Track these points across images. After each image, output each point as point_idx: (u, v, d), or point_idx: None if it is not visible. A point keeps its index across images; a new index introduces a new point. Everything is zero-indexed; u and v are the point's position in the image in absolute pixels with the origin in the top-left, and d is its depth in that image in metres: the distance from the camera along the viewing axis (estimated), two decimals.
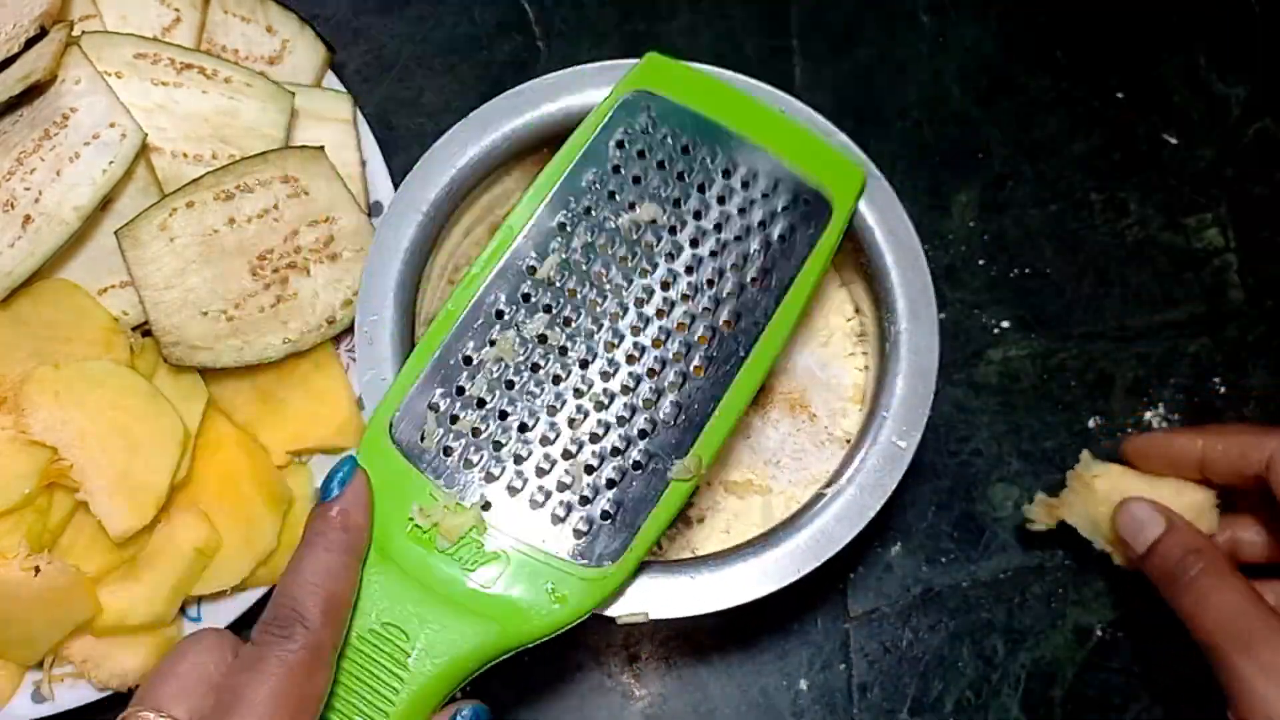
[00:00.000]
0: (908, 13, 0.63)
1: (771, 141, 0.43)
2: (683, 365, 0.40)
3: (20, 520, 0.47)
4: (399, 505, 0.38)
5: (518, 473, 0.39)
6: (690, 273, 0.41)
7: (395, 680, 0.35)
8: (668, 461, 0.39)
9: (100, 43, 0.52)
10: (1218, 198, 0.60)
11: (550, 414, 0.40)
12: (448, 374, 0.40)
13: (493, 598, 0.37)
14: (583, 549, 0.38)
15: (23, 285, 0.50)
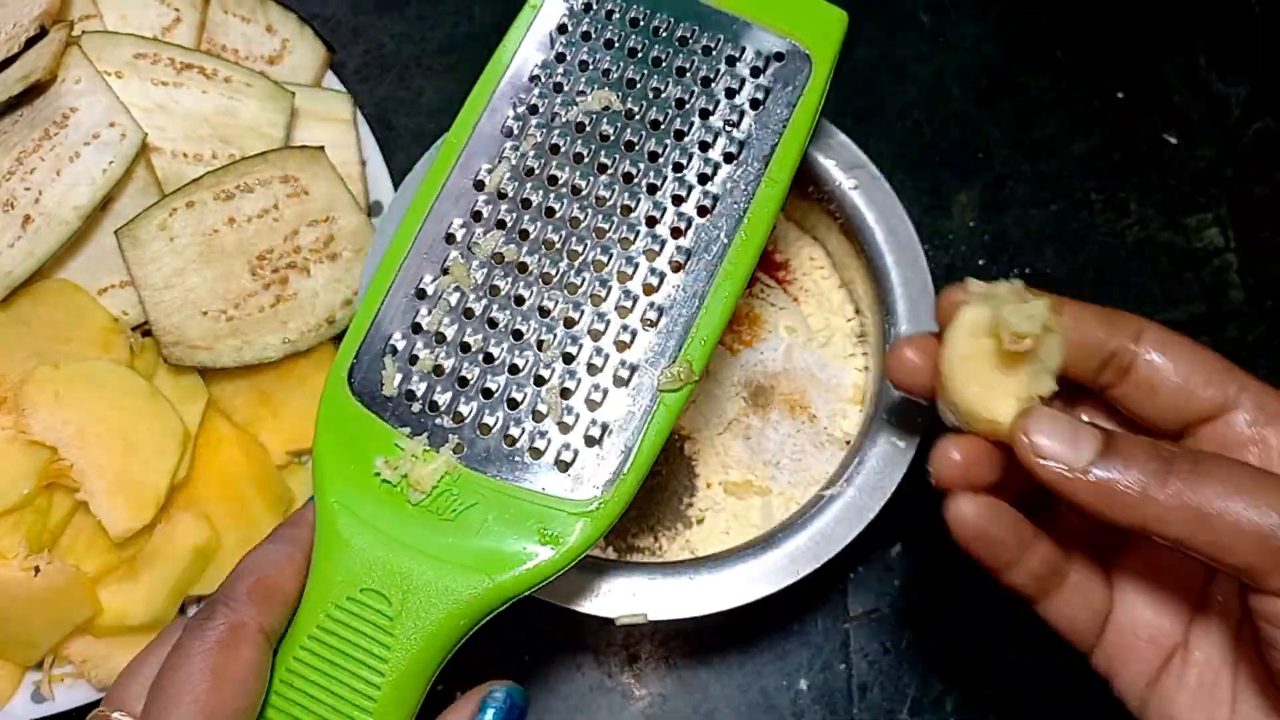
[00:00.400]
0: (908, 13, 0.63)
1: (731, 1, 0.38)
2: (658, 263, 0.36)
3: (20, 520, 0.47)
4: (365, 461, 0.35)
5: (488, 408, 0.35)
6: (654, 159, 0.37)
7: (381, 649, 0.32)
8: (652, 373, 0.35)
9: (100, 43, 0.52)
10: (1218, 198, 0.60)
11: (516, 339, 0.36)
12: (401, 312, 0.36)
13: (477, 548, 0.34)
14: (569, 482, 0.34)
15: (23, 285, 0.50)
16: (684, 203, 0.37)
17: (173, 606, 0.48)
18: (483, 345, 0.36)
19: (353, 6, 0.63)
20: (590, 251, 0.36)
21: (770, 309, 0.50)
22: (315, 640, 0.33)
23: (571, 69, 0.38)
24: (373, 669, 0.32)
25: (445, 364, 0.36)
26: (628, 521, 0.47)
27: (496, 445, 0.35)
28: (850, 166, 0.47)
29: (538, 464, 0.35)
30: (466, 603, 0.33)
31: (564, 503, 0.34)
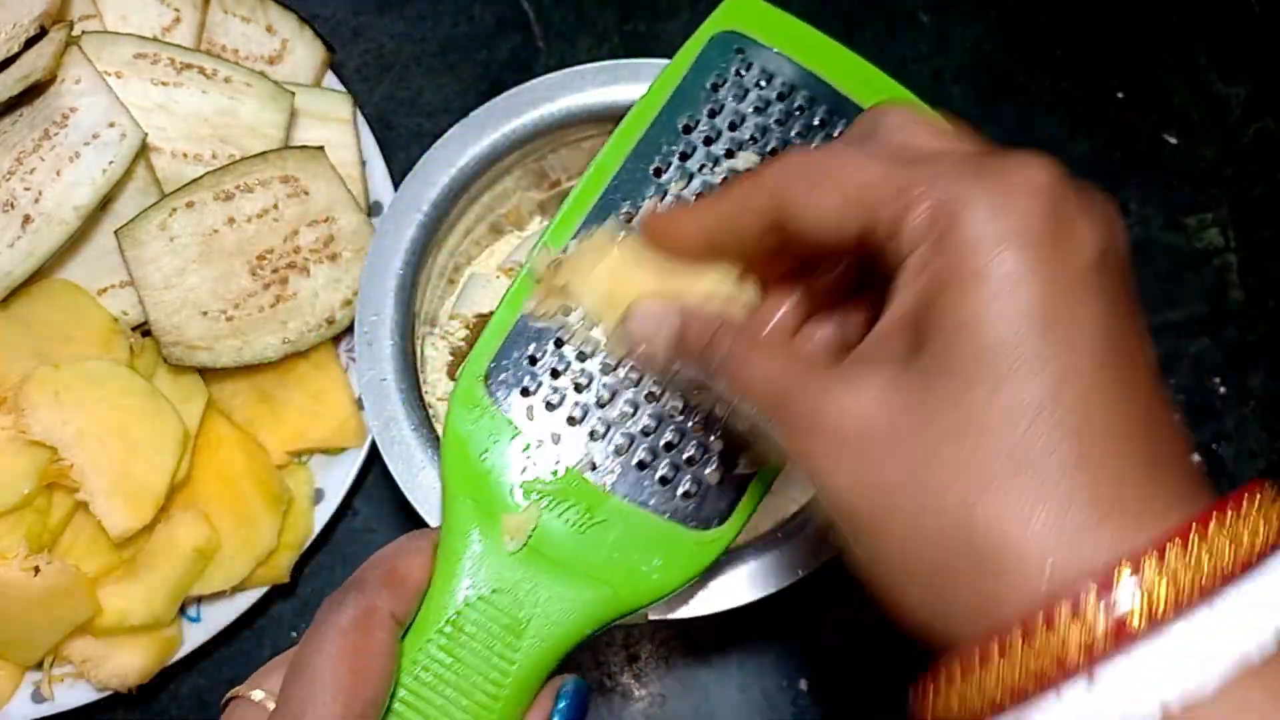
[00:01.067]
0: (908, 12, 0.63)
1: (865, 94, 0.40)
2: None
3: (20, 520, 0.47)
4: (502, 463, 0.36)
5: (624, 432, 0.37)
6: None
7: (509, 649, 0.34)
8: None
9: (100, 43, 0.52)
10: (1218, 198, 0.60)
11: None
12: (544, 325, 0.37)
13: (603, 561, 0.35)
14: (691, 510, 0.36)
15: (23, 285, 0.50)
16: None
17: (173, 606, 0.48)
18: (623, 370, 0.37)
19: (353, 6, 0.63)
20: None
21: None
22: (445, 635, 0.34)
23: (721, 128, 0.39)
24: (500, 668, 0.33)
25: (584, 382, 0.37)
26: None
27: (629, 468, 0.37)
28: None
29: (665, 491, 0.37)
30: (592, 612, 0.35)
31: (684, 530, 0.36)
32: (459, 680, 0.33)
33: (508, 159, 0.48)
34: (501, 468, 0.36)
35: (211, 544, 0.49)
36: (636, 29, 0.63)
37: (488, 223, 0.52)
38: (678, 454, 0.37)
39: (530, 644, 0.34)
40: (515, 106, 0.47)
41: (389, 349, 0.45)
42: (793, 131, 0.39)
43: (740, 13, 0.41)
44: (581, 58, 0.62)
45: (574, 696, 0.34)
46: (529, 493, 0.36)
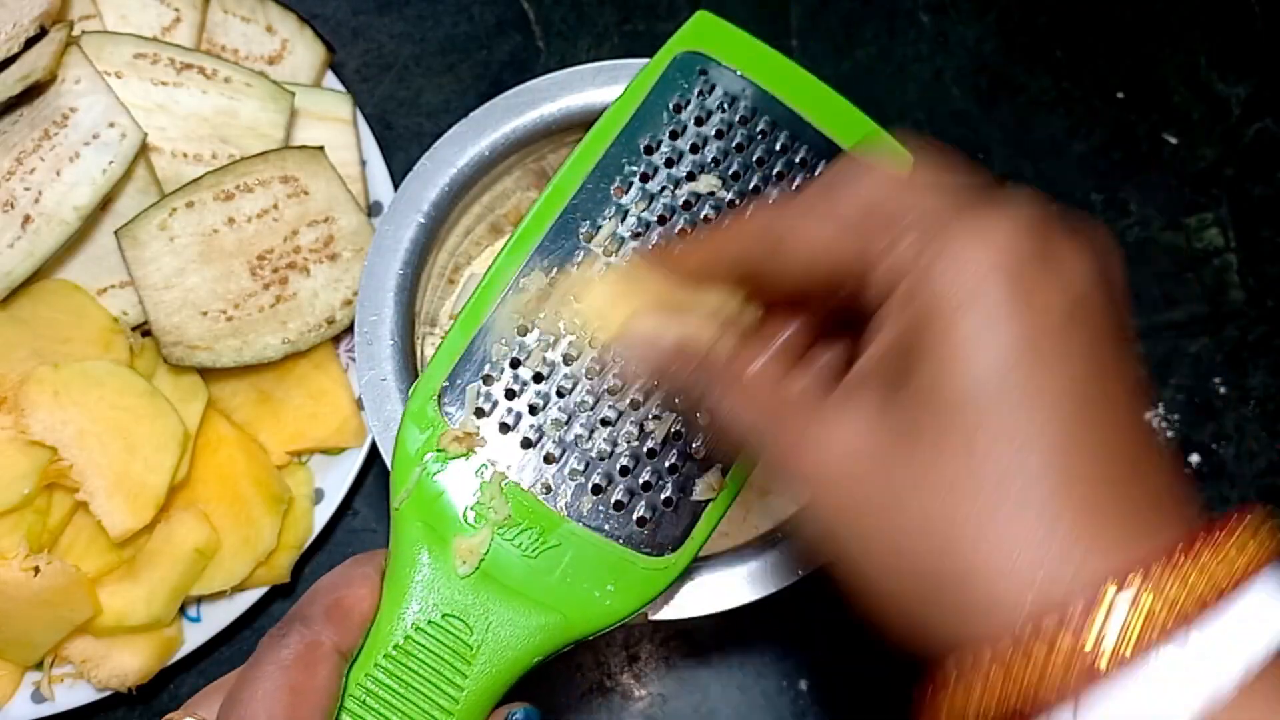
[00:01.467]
0: (908, 13, 0.63)
1: (826, 121, 0.40)
2: None
3: (20, 520, 0.47)
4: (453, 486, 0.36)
5: (579, 454, 0.36)
6: None
7: (458, 675, 0.33)
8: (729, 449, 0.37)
9: (100, 43, 0.52)
10: (1218, 198, 0.60)
11: (611, 394, 0.37)
12: (500, 344, 0.37)
13: (556, 586, 0.35)
14: (645, 536, 0.36)
15: (22, 285, 0.50)
16: None
17: (173, 606, 0.48)
18: (579, 394, 0.37)
19: (353, 6, 0.63)
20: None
21: None
22: (393, 660, 0.33)
23: (683, 150, 0.39)
24: (448, 695, 0.33)
25: (539, 404, 0.37)
26: None
27: (584, 492, 0.36)
28: None
29: (619, 517, 0.36)
30: (543, 638, 0.35)
31: (638, 556, 0.36)
32: (406, 706, 0.33)
33: (508, 159, 0.48)
34: (454, 490, 0.35)
35: (211, 544, 0.49)
36: (636, 29, 0.63)
37: (488, 223, 0.52)
38: (633, 479, 0.37)
39: (480, 670, 0.34)
40: (515, 106, 0.47)
41: (389, 349, 0.45)
42: (754, 156, 0.40)
43: (705, 33, 0.41)
44: (581, 58, 0.62)
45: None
46: (481, 516, 0.35)
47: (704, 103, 0.40)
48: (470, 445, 0.36)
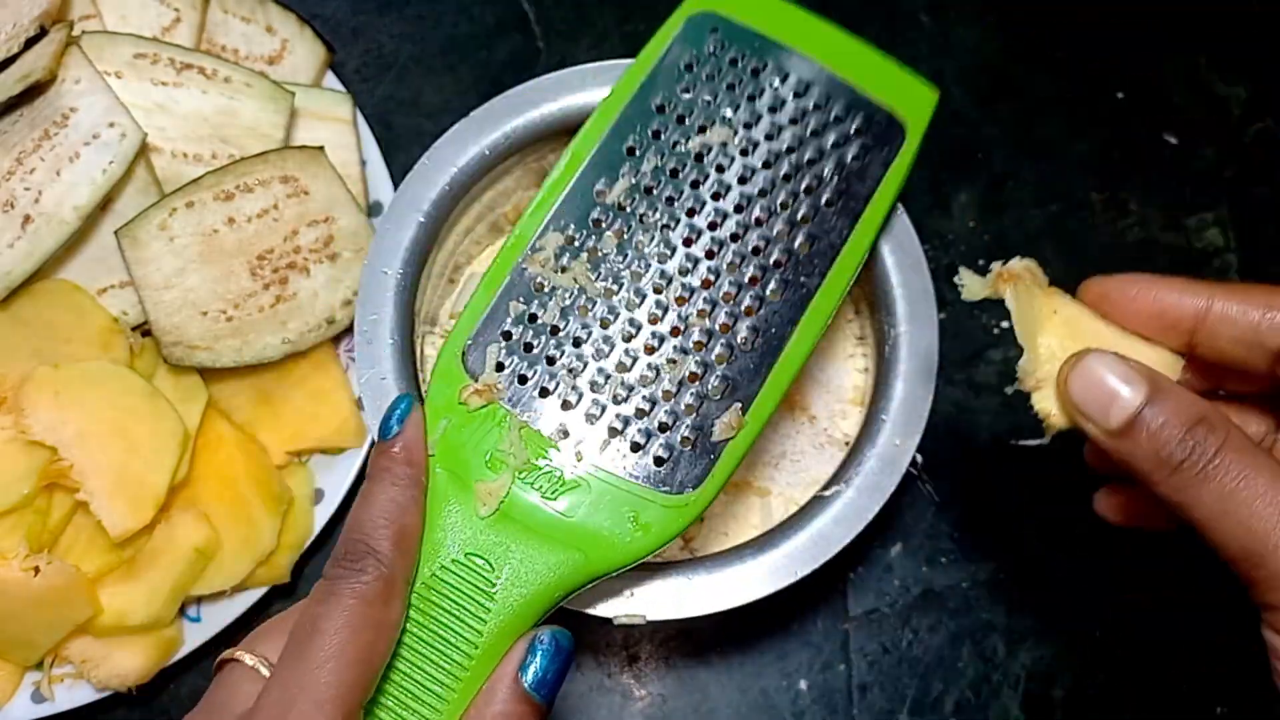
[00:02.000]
0: (907, 13, 0.63)
1: (841, 64, 0.42)
2: (759, 290, 0.40)
3: (20, 520, 0.47)
4: (475, 435, 0.37)
5: (595, 400, 0.38)
6: (764, 195, 0.41)
7: (482, 610, 0.34)
8: (747, 388, 0.39)
9: (100, 43, 0.52)
10: (1218, 198, 0.60)
11: (626, 340, 0.39)
12: (519, 301, 0.39)
13: (575, 526, 0.37)
14: (664, 476, 0.38)
15: (23, 285, 0.50)
16: (787, 238, 0.40)
17: (173, 606, 0.48)
18: (594, 343, 0.39)
19: (353, 6, 0.63)
20: (700, 270, 0.40)
21: None
22: (420, 596, 0.34)
23: (695, 105, 0.41)
24: (472, 628, 0.34)
25: (557, 354, 0.39)
26: None
27: (601, 435, 0.38)
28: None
29: (636, 456, 0.38)
30: (562, 576, 0.36)
31: (657, 494, 0.37)
32: (434, 639, 0.34)
33: (508, 158, 0.48)
34: (476, 438, 0.37)
35: (211, 544, 0.49)
36: (636, 29, 0.63)
37: (488, 222, 0.52)
38: (649, 420, 0.38)
39: (502, 604, 0.35)
40: (516, 106, 0.47)
41: (389, 349, 0.45)
42: (767, 104, 0.41)
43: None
44: (581, 58, 0.62)
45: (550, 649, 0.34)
46: (501, 461, 0.37)
47: (716, 59, 0.41)
48: (491, 397, 0.38)
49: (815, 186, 0.41)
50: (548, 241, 0.40)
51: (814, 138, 0.41)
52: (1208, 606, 0.53)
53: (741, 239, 0.40)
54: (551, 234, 0.40)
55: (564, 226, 0.40)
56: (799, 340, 0.39)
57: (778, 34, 0.42)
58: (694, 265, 0.40)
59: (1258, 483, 0.28)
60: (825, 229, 0.40)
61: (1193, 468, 0.29)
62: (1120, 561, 0.54)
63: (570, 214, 0.40)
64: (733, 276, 0.40)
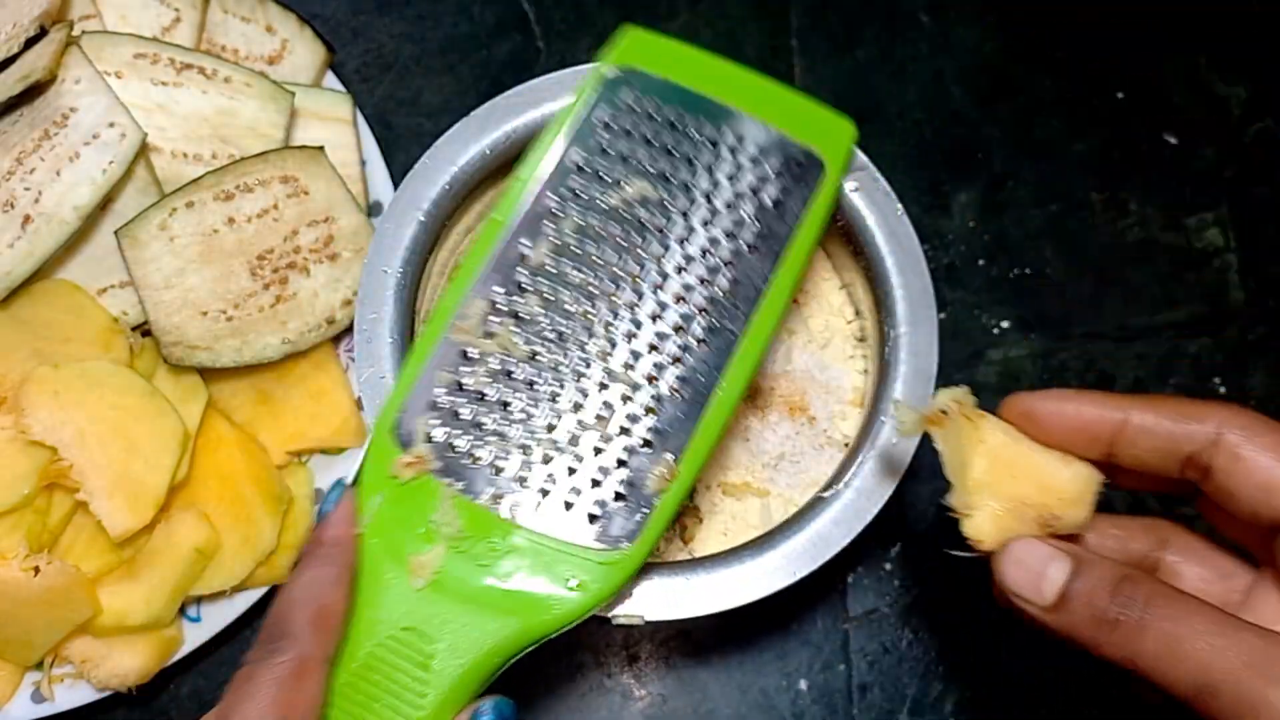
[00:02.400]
0: (908, 13, 0.63)
1: (757, 107, 0.43)
2: (683, 338, 0.40)
3: (20, 520, 0.47)
4: (410, 508, 0.38)
5: (525, 462, 0.39)
6: (684, 244, 0.41)
7: (420, 684, 0.35)
8: (677, 437, 0.39)
9: (100, 43, 0.52)
10: (1218, 198, 0.60)
11: (553, 400, 0.39)
12: (447, 370, 0.40)
13: (511, 592, 0.37)
14: (598, 533, 0.38)
15: (23, 285, 0.50)
16: (709, 285, 0.41)
17: (173, 606, 0.48)
18: (522, 405, 0.39)
19: (353, 6, 0.63)
20: (623, 324, 0.40)
21: None
22: (357, 675, 0.34)
23: (613, 161, 0.42)
24: (412, 703, 0.34)
25: (487, 420, 0.39)
26: None
27: (532, 497, 0.38)
28: (851, 168, 0.47)
29: (570, 516, 0.38)
30: (500, 643, 0.36)
31: (593, 552, 0.38)
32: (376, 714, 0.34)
33: (508, 159, 0.48)
34: (410, 511, 0.38)
35: (211, 544, 0.49)
36: None
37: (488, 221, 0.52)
38: (579, 478, 0.38)
39: (441, 676, 0.35)
40: (516, 106, 0.47)
41: (389, 348, 0.45)
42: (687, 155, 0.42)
43: (632, 48, 0.43)
44: (581, 58, 0.62)
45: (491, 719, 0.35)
46: (434, 532, 0.37)
47: (634, 114, 0.42)
48: (422, 469, 0.38)
49: (736, 231, 0.41)
50: (473, 309, 0.40)
51: (731, 182, 0.42)
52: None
53: (663, 288, 0.41)
54: (476, 301, 0.40)
55: (488, 292, 0.40)
56: (728, 385, 0.40)
57: (693, 83, 0.43)
58: (617, 318, 0.40)
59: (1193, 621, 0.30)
60: (747, 272, 0.41)
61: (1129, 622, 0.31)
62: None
63: (494, 279, 0.40)
64: (657, 327, 0.40)
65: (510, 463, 0.39)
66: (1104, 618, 0.32)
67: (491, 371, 0.39)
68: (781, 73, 0.62)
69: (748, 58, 0.62)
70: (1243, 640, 0.30)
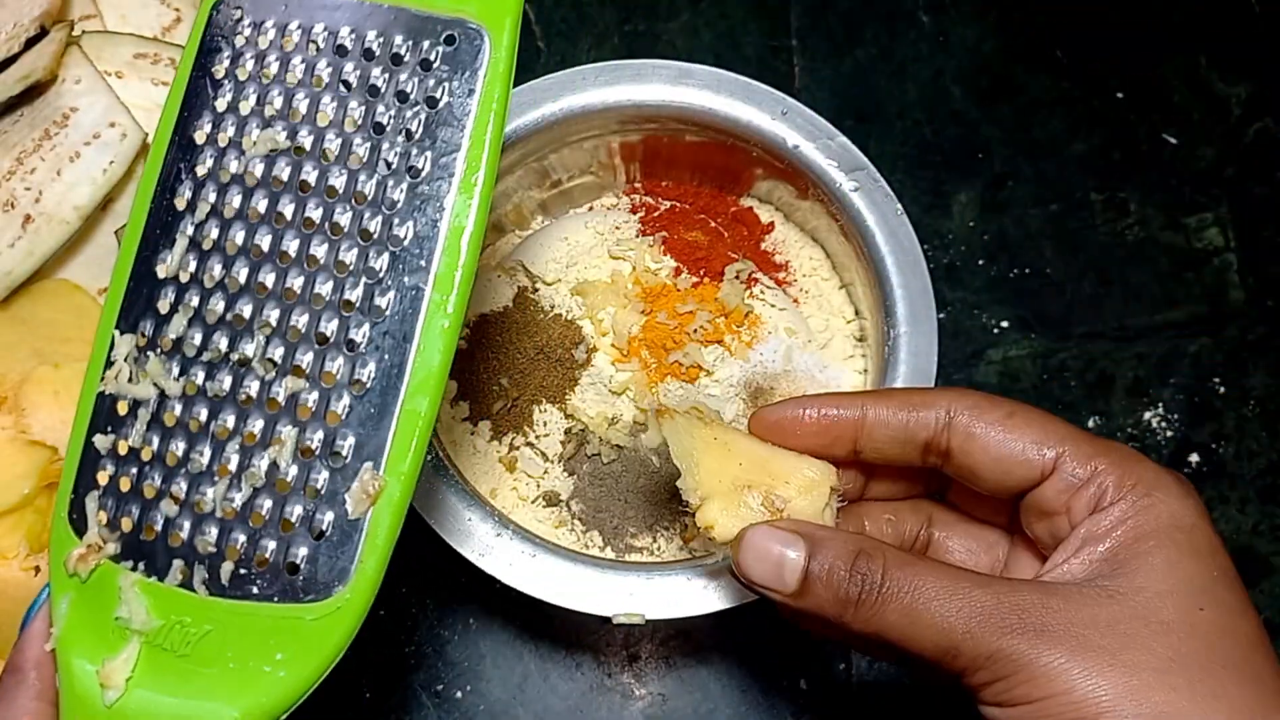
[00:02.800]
0: (908, 13, 0.63)
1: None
2: (357, 314, 0.32)
3: (20, 520, 0.47)
4: (96, 606, 0.32)
5: (203, 524, 0.32)
6: (335, 197, 0.32)
7: None
8: (374, 439, 0.31)
9: (100, 42, 0.52)
10: (1218, 198, 0.60)
11: (217, 439, 0.32)
12: (104, 433, 0.33)
13: (222, 677, 0.30)
14: (304, 582, 0.31)
15: (23, 285, 0.50)
16: (373, 238, 0.32)
17: None
18: (186, 455, 0.32)
19: None
20: (286, 320, 0.32)
21: (770, 310, 0.50)
22: None
23: (236, 119, 0.33)
24: None
25: (155, 483, 0.32)
26: (626, 522, 0.47)
27: (219, 563, 0.32)
28: (851, 169, 0.47)
29: (265, 573, 0.31)
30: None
31: (304, 609, 0.31)
32: None
33: (508, 158, 0.48)
34: (98, 609, 0.32)
35: None
36: (636, 29, 0.63)
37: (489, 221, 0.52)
38: (267, 525, 0.31)
39: None
40: (517, 106, 0.47)
41: None
42: (315, 85, 0.33)
43: None
44: (582, 58, 0.62)
45: None
46: (124, 628, 0.31)
47: (250, 47, 0.34)
48: (99, 556, 0.32)
49: (395, 159, 0.32)
50: (119, 350, 0.33)
51: (373, 96, 0.33)
52: None
53: (318, 260, 0.32)
54: (122, 340, 0.33)
55: (133, 324, 0.33)
56: (423, 352, 0.31)
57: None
58: (276, 321, 0.32)
59: (928, 588, 0.31)
60: (422, 203, 0.32)
61: (870, 596, 0.32)
62: None
63: (134, 308, 0.33)
64: (322, 310, 0.32)
65: (186, 526, 0.32)
66: (847, 597, 0.32)
67: (149, 420, 0.33)
68: (782, 73, 0.62)
69: (748, 58, 0.62)
70: (974, 598, 0.31)
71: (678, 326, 0.49)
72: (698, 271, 0.50)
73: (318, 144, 0.33)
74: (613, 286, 0.50)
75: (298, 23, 0.33)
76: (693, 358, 0.48)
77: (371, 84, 0.33)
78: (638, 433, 0.48)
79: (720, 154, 0.50)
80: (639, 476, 0.48)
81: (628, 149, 0.51)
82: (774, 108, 0.47)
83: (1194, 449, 0.56)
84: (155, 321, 0.33)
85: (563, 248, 0.51)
